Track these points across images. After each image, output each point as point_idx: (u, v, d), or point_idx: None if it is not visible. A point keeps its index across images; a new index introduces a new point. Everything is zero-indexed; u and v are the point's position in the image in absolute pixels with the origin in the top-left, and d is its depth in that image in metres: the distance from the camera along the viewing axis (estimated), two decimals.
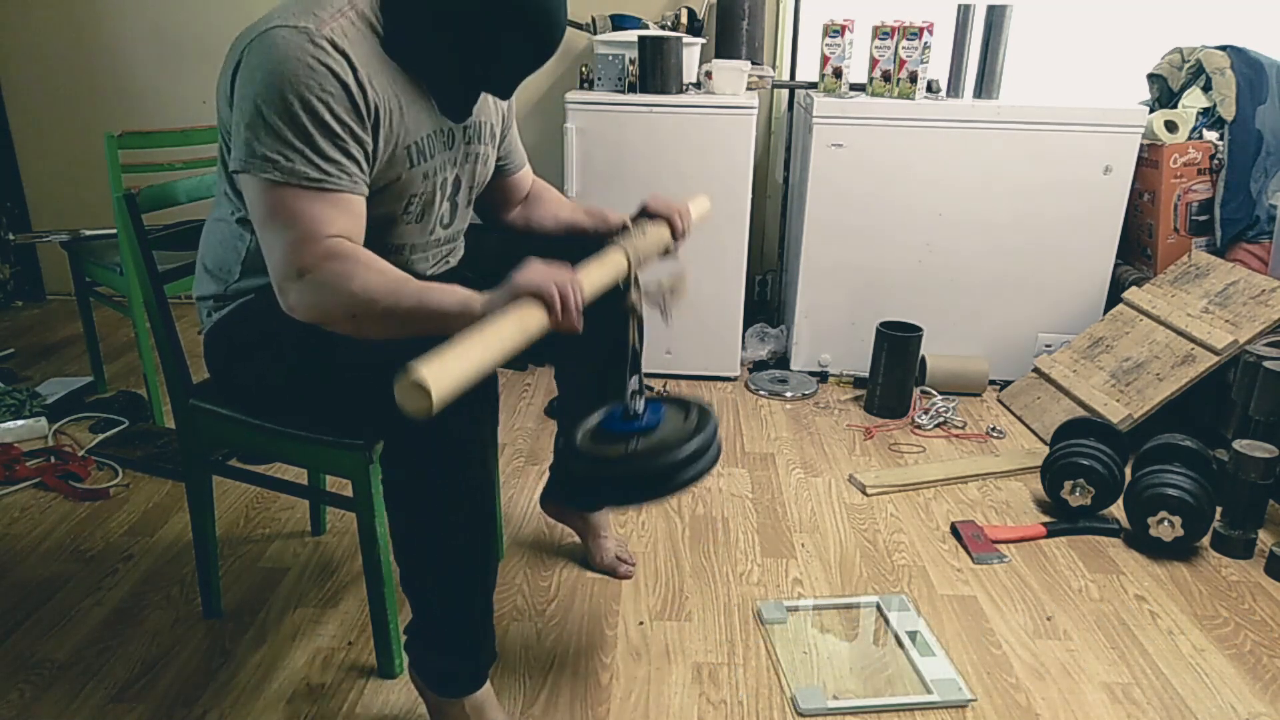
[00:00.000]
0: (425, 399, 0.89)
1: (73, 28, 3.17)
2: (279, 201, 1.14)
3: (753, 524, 2.02)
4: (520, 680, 1.53)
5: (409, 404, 0.90)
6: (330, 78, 1.14)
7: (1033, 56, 2.95)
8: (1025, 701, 1.50)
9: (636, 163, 2.61)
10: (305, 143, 1.13)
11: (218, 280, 1.36)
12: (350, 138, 1.17)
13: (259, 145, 1.13)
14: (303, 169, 1.13)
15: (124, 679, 1.50)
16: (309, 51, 1.12)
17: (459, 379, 0.92)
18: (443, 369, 0.91)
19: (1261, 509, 1.93)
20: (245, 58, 1.15)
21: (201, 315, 1.41)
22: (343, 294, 1.12)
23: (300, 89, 1.12)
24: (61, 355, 2.90)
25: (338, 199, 1.16)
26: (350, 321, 1.14)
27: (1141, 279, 2.65)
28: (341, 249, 1.15)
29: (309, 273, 1.13)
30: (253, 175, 1.14)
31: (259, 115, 1.13)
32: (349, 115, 1.16)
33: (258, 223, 1.17)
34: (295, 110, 1.12)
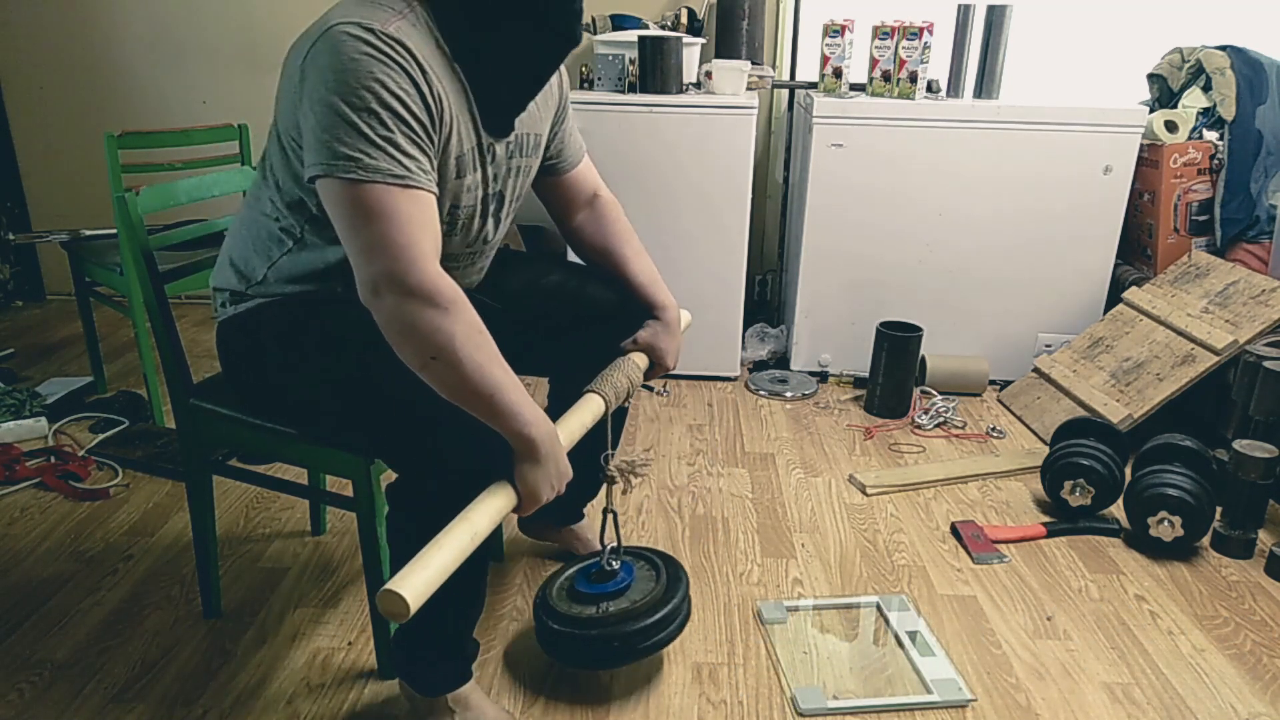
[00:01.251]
0: (403, 607, 0.98)
1: (73, 27, 3.17)
2: (367, 200, 1.11)
3: (753, 524, 2.02)
4: (520, 680, 1.53)
5: (387, 609, 0.99)
6: (402, 73, 1.12)
7: (1033, 56, 2.95)
8: (1025, 701, 1.50)
9: (637, 163, 2.61)
10: (386, 139, 1.11)
11: (240, 277, 1.34)
12: (424, 133, 1.15)
13: (339, 145, 1.10)
14: (386, 165, 1.11)
15: (124, 679, 1.50)
16: (378, 48, 1.10)
17: (433, 586, 1.02)
18: (422, 584, 1.00)
19: (1261, 509, 1.93)
20: (310, 59, 1.12)
21: (216, 304, 1.39)
22: (437, 344, 1.11)
23: (376, 86, 1.10)
24: (61, 355, 2.90)
25: (418, 197, 1.14)
26: (421, 360, 1.13)
27: (1141, 279, 2.65)
28: (453, 293, 1.13)
29: (417, 298, 1.10)
30: (335, 177, 1.11)
31: (337, 115, 1.10)
32: (422, 111, 1.14)
33: (344, 225, 1.13)
34: (373, 106, 1.10)
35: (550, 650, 1.48)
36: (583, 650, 1.45)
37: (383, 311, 1.12)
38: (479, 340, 1.13)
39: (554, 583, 1.54)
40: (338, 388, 1.27)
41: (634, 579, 1.51)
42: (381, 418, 1.23)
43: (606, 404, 1.37)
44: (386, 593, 0.97)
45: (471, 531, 1.08)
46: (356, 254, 1.13)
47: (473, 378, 1.12)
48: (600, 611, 1.45)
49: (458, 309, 1.12)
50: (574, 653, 1.46)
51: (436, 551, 1.04)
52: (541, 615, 1.48)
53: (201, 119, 3.18)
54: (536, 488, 1.17)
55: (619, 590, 1.48)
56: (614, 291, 1.54)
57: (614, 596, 1.47)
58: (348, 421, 1.30)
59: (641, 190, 2.63)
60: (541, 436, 1.16)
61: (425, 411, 1.18)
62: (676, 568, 1.55)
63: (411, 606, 0.98)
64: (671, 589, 1.49)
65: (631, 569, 1.53)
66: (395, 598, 0.97)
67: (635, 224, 1.61)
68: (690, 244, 2.68)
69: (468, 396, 1.13)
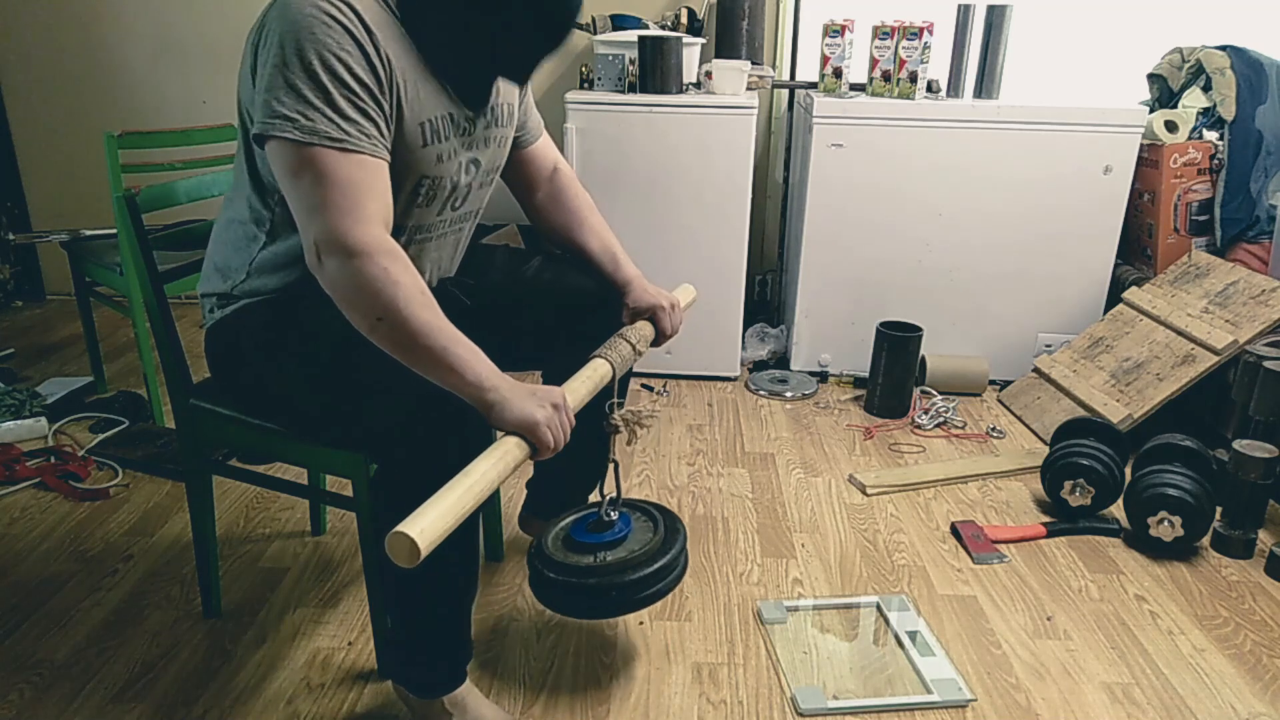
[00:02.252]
0: (413, 551, 0.95)
1: (73, 27, 3.17)
2: (306, 161, 1.12)
3: (753, 524, 2.02)
4: (520, 680, 1.53)
5: (397, 554, 0.96)
6: (346, 36, 1.13)
7: (1033, 56, 2.95)
8: (1025, 701, 1.50)
9: (636, 163, 2.61)
10: (324, 100, 1.12)
11: (224, 279, 1.36)
12: (369, 98, 1.15)
13: (278, 105, 1.11)
14: (324, 127, 1.12)
15: (124, 679, 1.50)
16: (323, 9, 1.12)
17: (445, 531, 1.00)
18: (431, 527, 0.98)
19: (1261, 509, 1.93)
20: (264, 27, 1.14)
21: (204, 310, 1.40)
22: (383, 298, 1.11)
23: (317, 45, 1.11)
24: (61, 355, 2.90)
25: (362, 162, 1.14)
26: (369, 321, 1.13)
27: (1141, 279, 2.65)
28: (395, 250, 1.14)
29: (358, 257, 1.11)
30: (274, 138, 1.12)
31: (278, 75, 1.11)
32: (367, 75, 1.15)
33: (287, 185, 1.15)
34: (314, 68, 1.11)
35: (545, 599, 1.44)
36: (578, 599, 1.40)
37: (325, 274, 1.14)
38: (423, 299, 1.14)
39: (549, 532, 1.49)
40: (317, 381, 1.27)
41: (632, 530, 1.47)
42: (360, 408, 1.24)
43: (612, 368, 1.36)
44: (396, 535, 0.95)
45: (481, 474, 1.06)
46: (299, 216, 1.15)
47: (421, 333, 1.12)
48: (597, 560, 1.41)
49: (399, 268, 1.13)
50: (569, 602, 1.42)
51: (447, 494, 1.01)
52: (536, 564, 1.43)
53: (201, 119, 3.18)
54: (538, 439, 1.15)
55: (616, 540, 1.44)
56: (591, 281, 1.55)
57: (612, 546, 1.43)
58: (329, 415, 1.31)
59: (641, 190, 2.63)
60: (498, 384, 1.15)
61: (405, 400, 1.18)
62: (674, 520, 1.50)
63: (423, 548, 0.95)
64: (670, 540, 1.45)
65: (629, 520, 1.49)
66: (403, 540, 0.94)
67: (635, 223, 1.61)
68: (690, 244, 2.67)
69: (419, 354, 1.13)
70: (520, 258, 1.60)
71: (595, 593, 1.39)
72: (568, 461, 1.68)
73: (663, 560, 1.42)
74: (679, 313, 1.55)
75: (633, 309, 1.52)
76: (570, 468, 1.66)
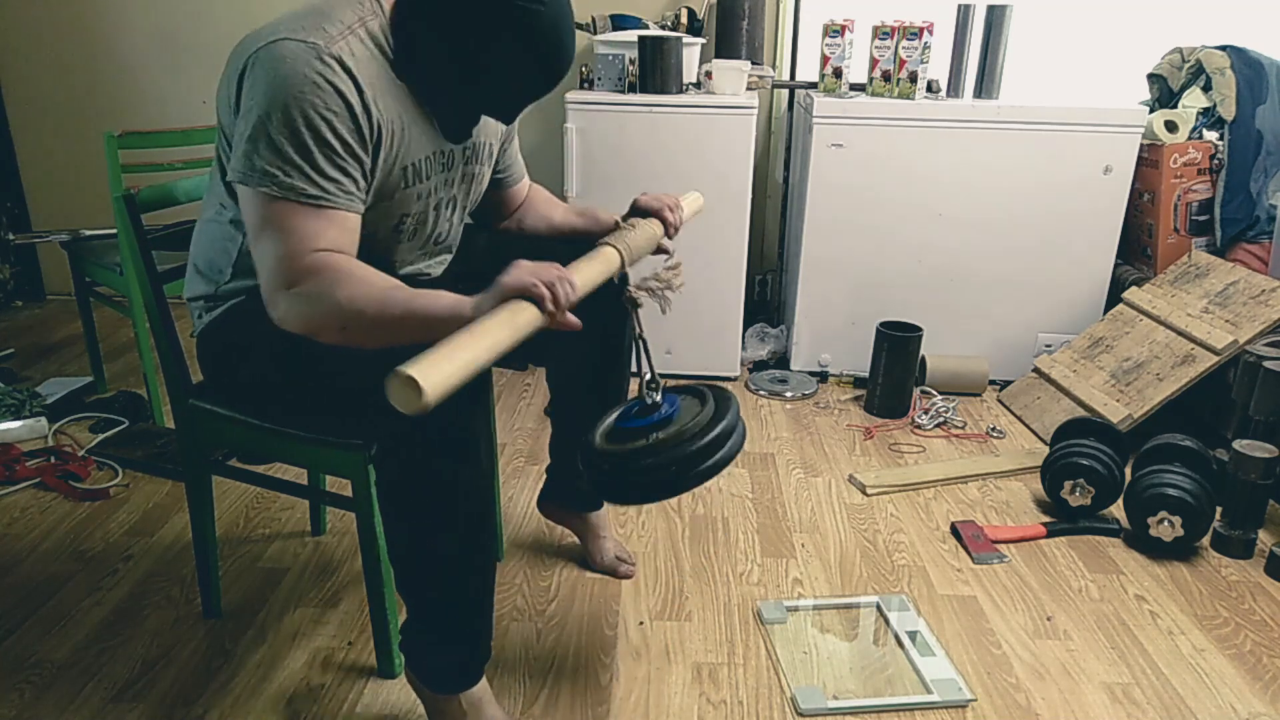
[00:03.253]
0: (417, 395, 0.88)
1: (73, 27, 3.17)
2: (273, 215, 1.14)
3: (753, 524, 2.02)
4: (520, 680, 1.53)
5: (402, 402, 0.90)
6: (335, 96, 1.14)
7: (1033, 56, 2.95)
8: (1025, 701, 1.50)
9: (636, 163, 2.61)
10: (305, 159, 1.13)
11: (209, 281, 1.36)
12: (350, 156, 1.17)
13: (258, 159, 1.13)
14: (300, 185, 1.14)
15: (124, 679, 1.50)
16: (315, 69, 1.12)
17: (451, 375, 0.92)
18: (433, 366, 0.91)
19: (1261, 509, 1.93)
20: (251, 68, 1.14)
21: (193, 316, 1.41)
22: (329, 306, 1.12)
23: (304, 106, 1.12)
24: (61, 355, 2.90)
25: (332, 215, 1.16)
26: (340, 333, 1.14)
27: (1141, 279, 2.65)
28: (328, 262, 1.14)
29: (297, 284, 1.13)
30: (250, 188, 1.14)
31: (262, 128, 1.12)
32: (350, 135, 1.16)
33: (251, 235, 1.17)
34: (298, 126, 1.12)
35: (609, 493, 1.42)
36: (640, 483, 1.32)
37: (280, 315, 1.15)
38: (364, 283, 1.12)
39: (594, 432, 1.39)
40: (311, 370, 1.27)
41: (679, 408, 1.37)
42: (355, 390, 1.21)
43: (619, 253, 1.30)
44: (397, 375, 0.89)
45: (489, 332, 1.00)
46: (260, 264, 1.16)
47: (379, 312, 1.10)
48: (650, 441, 1.31)
49: (333, 271, 1.12)
50: (630, 488, 1.34)
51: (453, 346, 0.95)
52: (588, 464, 1.35)
53: (201, 119, 3.18)
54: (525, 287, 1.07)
55: (666, 419, 1.34)
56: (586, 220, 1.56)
57: (662, 426, 1.34)
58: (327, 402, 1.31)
59: (641, 190, 2.62)
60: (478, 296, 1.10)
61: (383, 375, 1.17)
62: (723, 391, 1.41)
63: (428, 392, 0.88)
64: (722, 408, 1.34)
65: (675, 400, 1.39)
66: (405, 382, 0.88)
67: None
68: (690, 244, 2.67)
69: (391, 330, 1.11)
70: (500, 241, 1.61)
71: (654, 471, 1.29)
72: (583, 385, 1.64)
73: (719, 428, 1.30)
74: (681, 212, 1.52)
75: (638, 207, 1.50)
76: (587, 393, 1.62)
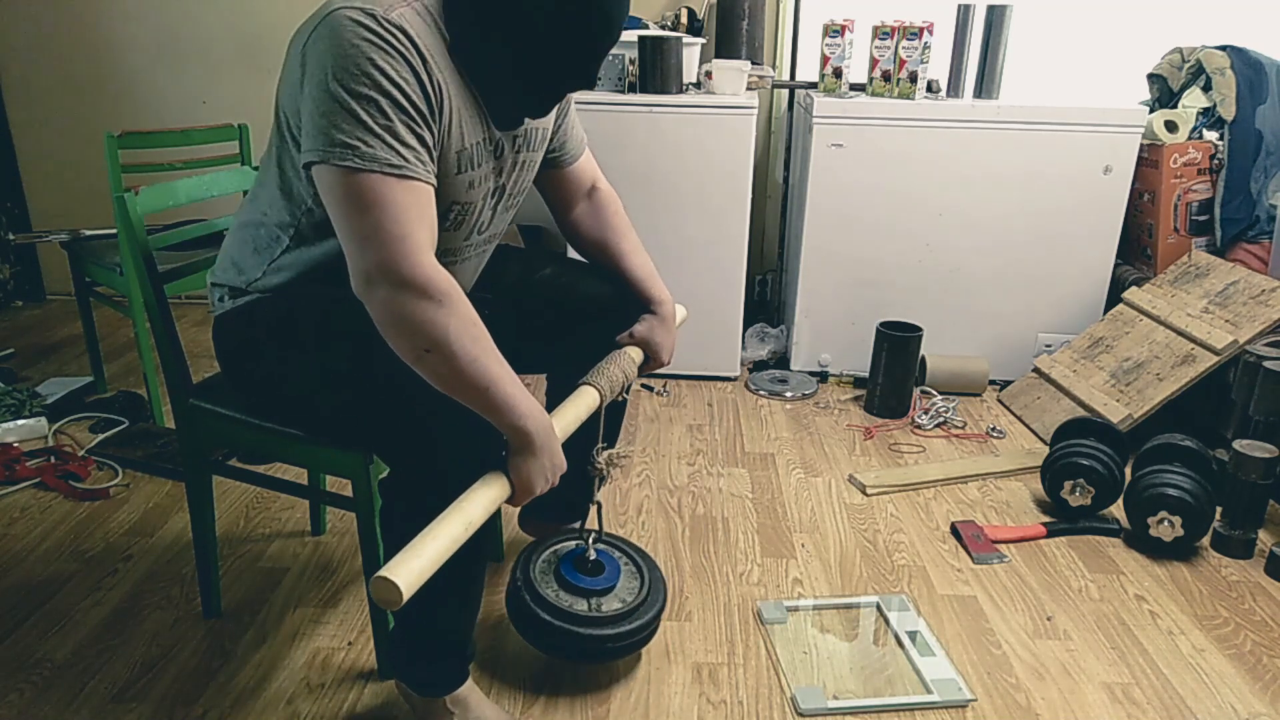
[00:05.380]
0: (396, 593, 0.98)
1: (73, 27, 3.17)
2: (362, 190, 1.09)
3: (753, 524, 2.02)
4: (520, 680, 1.53)
5: (381, 595, 0.99)
6: (402, 61, 1.10)
7: (1033, 56, 2.95)
8: (1025, 701, 1.50)
9: (636, 163, 2.61)
10: (385, 128, 1.09)
11: (240, 273, 1.34)
12: (424, 124, 1.13)
13: (337, 133, 1.08)
14: (384, 154, 1.09)
15: (124, 679, 1.50)
16: (380, 34, 1.09)
17: (427, 571, 1.02)
18: (412, 569, 1.00)
19: (1261, 509, 1.93)
20: (311, 44, 1.11)
21: (213, 298, 1.39)
22: (431, 337, 1.10)
23: (374, 71, 1.08)
24: (61, 355, 2.90)
25: (416, 188, 1.12)
26: (415, 353, 1.12)
27: (1141, 279, 2.65)
28: (447, 285, 1.11)
29: (409, 289, 1.09)
30: (331, 165, 1.09)
31: (335, 101, 1.08)
32: (421, 100, 1.13)
33: (338, 214, 1.12)
34: (373, 94, 1.08)
35: (532, 637, 1.49)
36: (570, 643, 1.46)
37: (376, 304, 1.11)
38: (474, 333, 1.12)
39: (534, 561, 1.54)
40: (332, 380, 1.26)
41: (620, 575, 1.55)
42: (375, 410, 1.23)
43: (601, 396, 1.38)
44: (379, 579, 0.98)
45: (465, 520, 1.08)
46: (350, 244, 1.12)
47: (468, 371, 1.11)
48: (592, 609, 1.48)
49: (452, 301, 1.11)
50: (563, 646, 1.48)
51: (430, 539, 1.04)
52: (526, 598, 1.48)
53: (201, 119, 3.18)
54: (530, 479, 1.17)
55: (609, 588, 1.52)
56: (608, 286, 1.54)
57: (604, 594, 1.51)
58: (342, 414, 1.30)
59: (641, 190, 2.63)
60: (537, 429, 1.16)
61: (420, 403, 1.17)
62: (655, 567, 1.60)
63: (404, 593, 0.98)
64: (654, 592, 1.54)
65: (617, 565, 1.56)
66: (388, 584, 0.97)
67: (635, 224, 1.60)
68: (690, 244, 2.68)
69: (463, 389, 1.13)
70: (532, 260, 1.60)
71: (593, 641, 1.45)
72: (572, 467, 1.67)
73: (655, 611, 1.51)
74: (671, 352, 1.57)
75: (644, 338, 1.51)
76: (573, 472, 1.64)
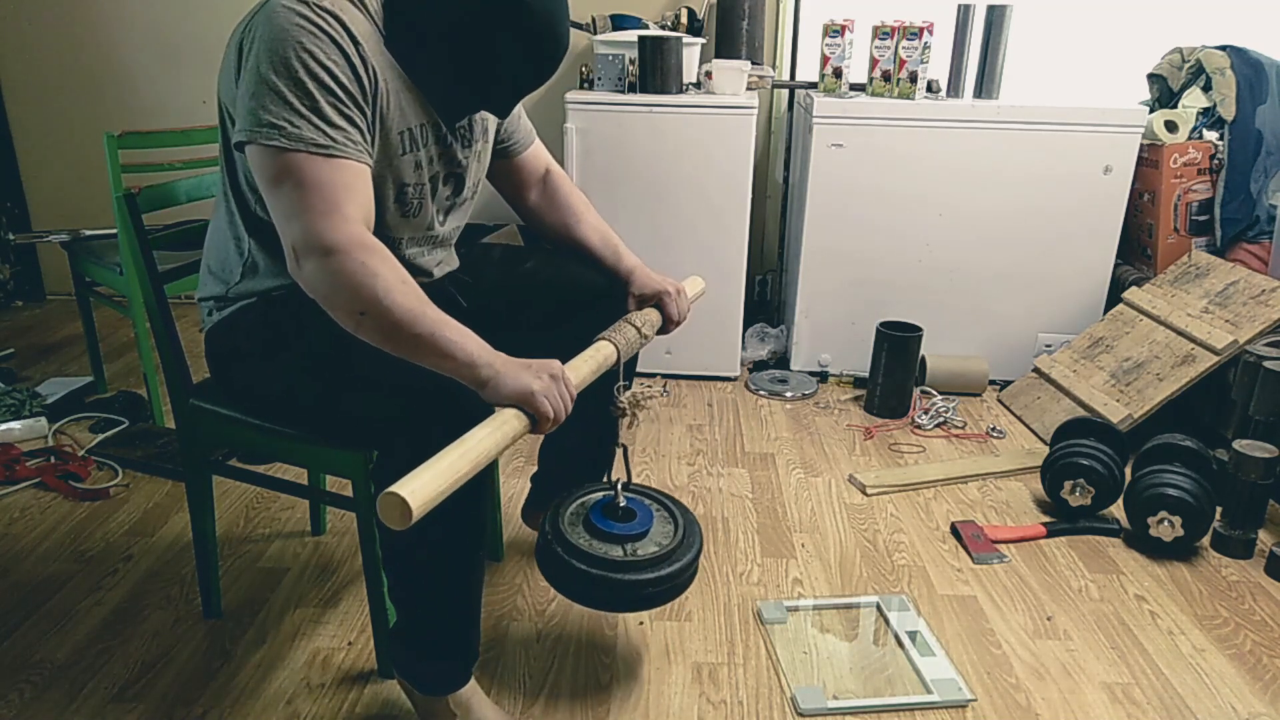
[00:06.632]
0: (406, 514, 0.94)
1: (73, 27, 3.17)
2: (287, 169, 1.12)
3: (753, 524, 2.02)
4: (520, 680, 1.53)
5: (389, 516, 0.95)
6: (332, 45, 1.14)
7: (1033, 56, 2.95)
8: (1025, 701, 1.50)
9: (636, 163, 2.61)
10: (311, 108, 1.12)
11: (220, 281, 1.36)
12: (353, 104, 1.16)
13: (264, 113, 1.12)
14: (310, 134, 1.12)
15: (124, 679, 1.50)
16: (310, 19, 1.13)
17: (440, 493, 0.98)
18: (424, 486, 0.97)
19: (1261, 509, 1.93)
20: (248, 33, 1.15)
21: (203, 314, 1.41)
22: (363, 292, 1.11)
23: (303, 54, 1.12)
24: (61, 355, 2.90)
25: (345, 166, 1.15)
26: (353, 318, 1.13)
27: (1141, 279, 2.65)
28: (369, 243, 1.13)
29: (335, 254, 1.11)
30: (258, 144, 1.12)
31: (263, 83, 1.12)
32: (351, 83, 1.16)
33: (267, 191, 1.15)
34: (300, 76, 1.12)
35: (567, 588, 1.40)
36: (606, 592, 1.37)
37: (305, 276, 1.13)
38: (404, 288, 1.13)
39: (562, 513, 1.45)
40: (317, 375, 1.27)
41: (653, 522, 1.45)
42: (361, 399, 1.24)
43: (617, 350, 1.35)
44: (387, 495, 0.94)
45: (474, 441, 1.05)
46: (279, 220, 1.15)
47: (405, 322, 1.11)
48: (628, 554, 1.38)
49: (377, 259, 1.12)
50: (601, 595, 1.38)
51: (440, 458, 1.01)
52: (557, 550, 1.38)
53: (201, 119, 3.18)
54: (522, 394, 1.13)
55: (642, 532, 1.42)
56: (591, 271, 1.55)
57: (638, 539, 1.41)
58: (332, 409, 1.30)
59: (641, 190, 2.63)
60: (492, 358, 1.14)
61: (404, 388, 1.18)
62: (687, 511, 1.49)
63: (414, 507, 0.94)
64: (690, 534, 1.44)
65: (650, 511, 1.47)
66: (394, 500, 0.93)
67: (635, 223, 1.61)
68: (690, 244, 2.67)
69: (406, 342, 1.12)
70: (516, 255, 1.61)
71: (626, 587, 1.35)
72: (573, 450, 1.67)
73: (689, 555, 1.41)
74: (685, 299, 1.55)
75: (638, 296, 1.52)
76: (575, 457, 1.65)
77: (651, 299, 1.52)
